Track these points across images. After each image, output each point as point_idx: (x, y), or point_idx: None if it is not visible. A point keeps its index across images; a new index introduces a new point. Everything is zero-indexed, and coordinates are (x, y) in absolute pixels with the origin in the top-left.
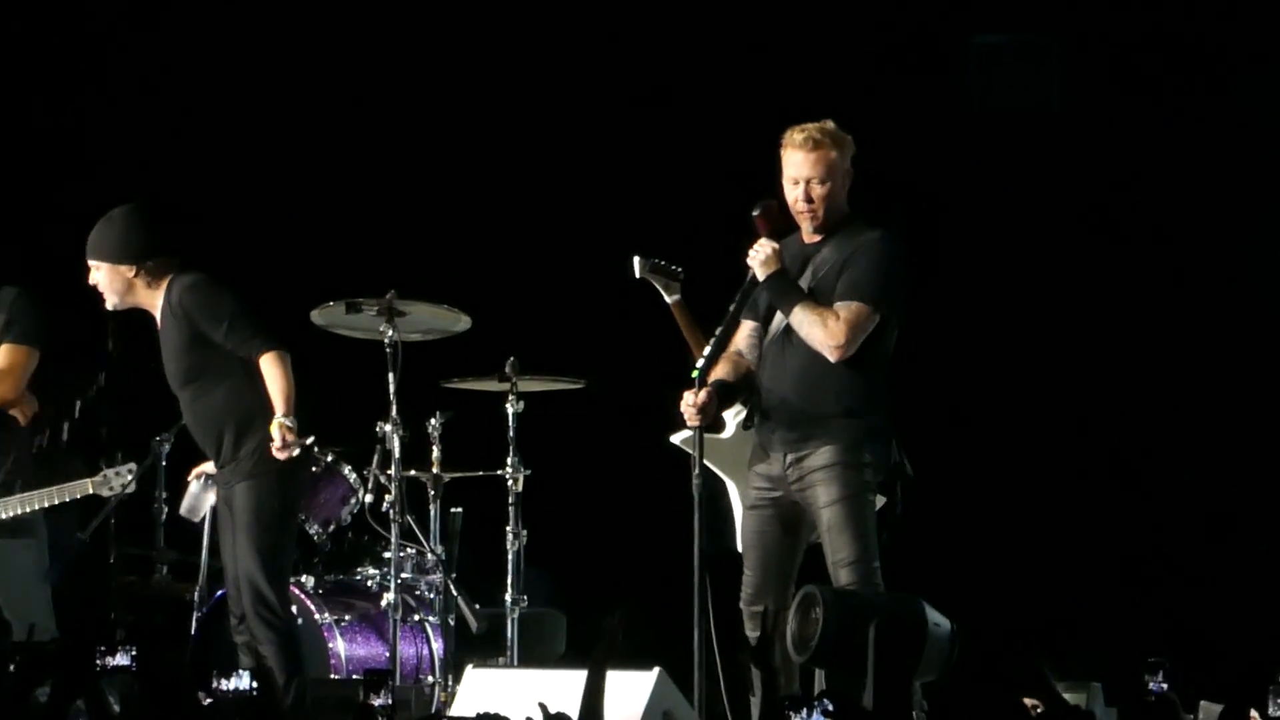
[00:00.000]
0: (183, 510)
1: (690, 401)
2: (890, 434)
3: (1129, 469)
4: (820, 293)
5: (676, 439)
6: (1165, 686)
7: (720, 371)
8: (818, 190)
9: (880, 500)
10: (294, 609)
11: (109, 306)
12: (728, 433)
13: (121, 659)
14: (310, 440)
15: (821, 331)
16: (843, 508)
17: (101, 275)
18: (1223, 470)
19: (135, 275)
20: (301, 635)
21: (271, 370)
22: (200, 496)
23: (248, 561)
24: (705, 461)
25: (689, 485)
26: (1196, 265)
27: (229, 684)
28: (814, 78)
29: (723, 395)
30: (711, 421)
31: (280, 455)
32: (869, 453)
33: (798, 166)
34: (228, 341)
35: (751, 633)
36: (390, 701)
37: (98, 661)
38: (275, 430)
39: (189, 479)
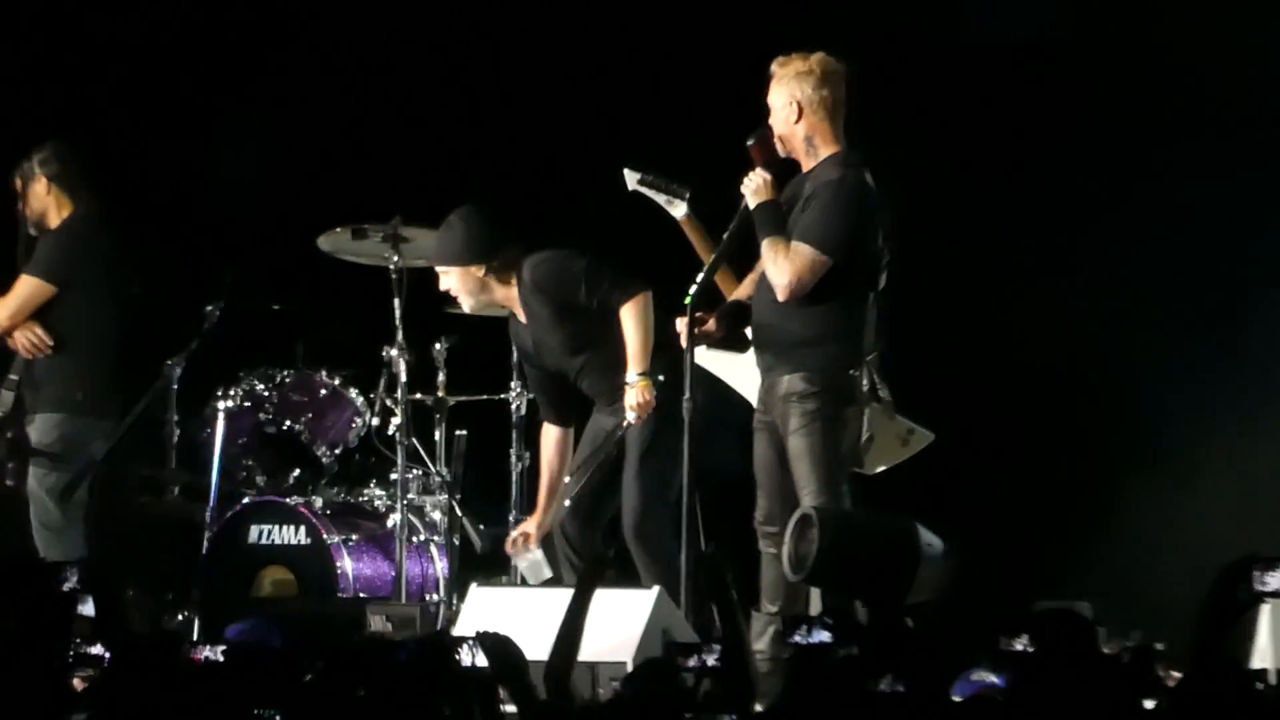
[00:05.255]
0: (532, 579)
1: (682, 325)
2: (855, 362)
3: (1128, 395)
4: (793, 227)
5: None
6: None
7: (742, 292)
8: (773, 120)
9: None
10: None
11: (466, 309)
12: (749, 352)
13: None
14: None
15: (773, 270)
16: (800, 437)
17: (453, 280)
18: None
19: (485, 274)
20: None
21: (628, 320)
22: (539, 564)
23: (634, 490)
24: (727, 379)
25: (696, 407)
26: (1199, 199)
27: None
28: (812, 6)
29: (740, 315)
30: (729, 339)
31: (631, 417)
32: (825, 381)
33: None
34: (591, 300)
35: (766, 550)
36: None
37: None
38: (630, 394)
39: (511, 552)
